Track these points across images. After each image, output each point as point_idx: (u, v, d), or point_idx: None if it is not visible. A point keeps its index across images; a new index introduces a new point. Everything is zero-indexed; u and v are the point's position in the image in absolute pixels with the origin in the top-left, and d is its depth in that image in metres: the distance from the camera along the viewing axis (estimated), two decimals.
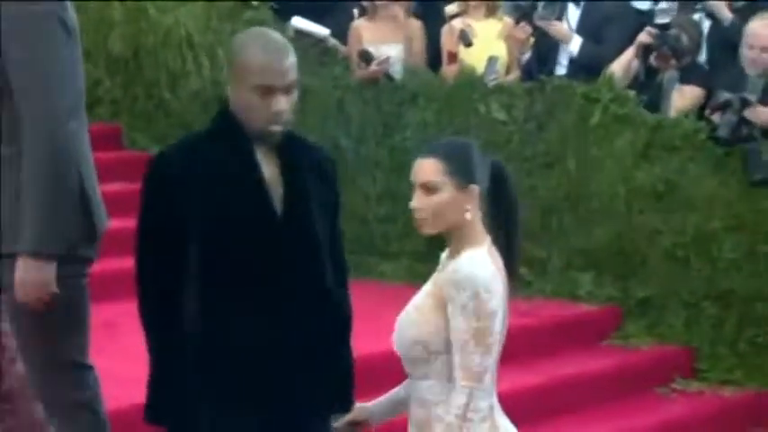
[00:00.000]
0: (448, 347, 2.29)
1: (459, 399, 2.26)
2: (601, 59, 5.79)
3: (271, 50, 2.43)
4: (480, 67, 5.87)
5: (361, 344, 4.52)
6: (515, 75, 6.01)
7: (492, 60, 5.85)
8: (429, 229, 2.36)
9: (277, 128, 2.46)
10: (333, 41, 6.27)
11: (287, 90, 2.43)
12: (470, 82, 5.88)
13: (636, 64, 5.67)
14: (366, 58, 5.98)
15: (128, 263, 2.69)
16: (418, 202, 2.32)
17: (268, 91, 2.41)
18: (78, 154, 2.85)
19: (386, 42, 6.04)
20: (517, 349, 4.92)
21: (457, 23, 5.98)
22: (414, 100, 5.99)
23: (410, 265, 5.82)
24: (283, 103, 2.42)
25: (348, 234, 5.79)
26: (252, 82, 2.42)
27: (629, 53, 5.66)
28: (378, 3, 6.05)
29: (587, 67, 5.83)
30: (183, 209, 2.41)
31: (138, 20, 6.58)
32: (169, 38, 6.51)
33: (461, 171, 2.29)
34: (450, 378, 2.30)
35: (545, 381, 4.80)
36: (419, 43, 6.15)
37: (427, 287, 2.38)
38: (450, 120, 5.92)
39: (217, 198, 2.41)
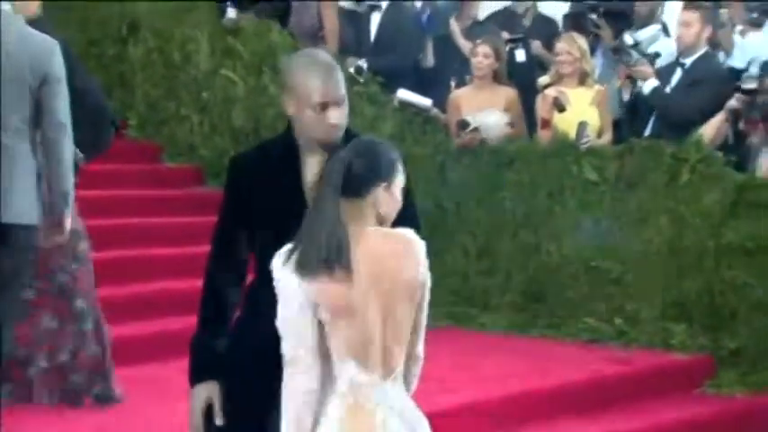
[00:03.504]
0: None
1: (283, 382, 2.27)
2: (667, 110, 5.69)
3: (324, 72, 2.59)
4: (572, 131, 5.77)
5: (456, 389, 4.46)
6: (606, 138, 5.88)
7: (582, 125, 5.76)
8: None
9: (335, 137, 2.60)
10: (435, 111, 6.26)
11: (339, 103, 2.59)
12: (563, 146, 5.79)
13: (726, 127, 5.49)
14: (464, 126, 5.94)
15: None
16: None
17: (325, 106, 2.56)
18: None
19: (482, 109, 5.98)
20: (615, 395, 4.76)
21: (550, 92, 5.92)
22: (511, 163, 5.91)
23: (508, 315, 5.74)
24: (338, 116, 2.58)
25: (450, 287, 5.88)
26: (312, 101, 2.56)
27: (720, 117, 5.51)
28: (477, 74, 6.01)
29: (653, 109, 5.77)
30: (248, 201, 2.64)
31: (259, 96, 6.68)
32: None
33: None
34: None
35: (643, 426, 4.58)
36: (516, 110, 6.06)
37: None
38: (545, 181, 5.80)
39: (269, 198, 2.61)
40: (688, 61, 5.80)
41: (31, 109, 3.46)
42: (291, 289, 2.23)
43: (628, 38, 5.88)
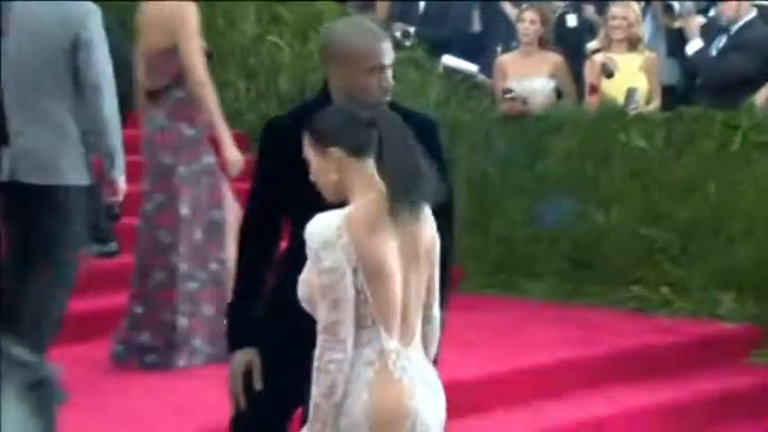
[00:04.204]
0: None
1: (316, 350, 2.22)
2: (708, 71, 5.62)
3: (379, 36, 2.61)
4: (621, 98, 5.66)
5: (501, 357, 4.42)
6: (655, 104, 5.74)
7: (631, 91, 5.65)
8: (327, 197, 2.33)
9: (387, 99, 2.60)
10: (481, 77, 6.17)
11: (390, 67, 2.61)
12: (612, 112, 5.68)
13: None
14: (508, 93, 5.84)
15: None
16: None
17: (381, 70, 2.58)
18: None
19: (529, 76, 5.87)
20: (660, 364, 4.68)
21: (598, 57, 5.80)
22: (558, 129, 5.80)
23: (553, 283, 5.65)
24: (390, 78, 2.60)
25: (495, 255, 5.80)
26: (371, 63, 2.56)
27: None
28: (523, 40, 5.91)
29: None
30: (282, 165, 2.57)
31: (305, 61, 6.64)
32: None
33: (319, 140, 2.30)
34: None
35: (688, 396, 4.51)
36: (564, 75, 5.94)
37: None
38: (592, 147, 5.69)
39: (304, 161, 2.46)
40: (734, 28, 5.66)
41: (68, 72, 3.46)
42: (333, 257, 2.19)
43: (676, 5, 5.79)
